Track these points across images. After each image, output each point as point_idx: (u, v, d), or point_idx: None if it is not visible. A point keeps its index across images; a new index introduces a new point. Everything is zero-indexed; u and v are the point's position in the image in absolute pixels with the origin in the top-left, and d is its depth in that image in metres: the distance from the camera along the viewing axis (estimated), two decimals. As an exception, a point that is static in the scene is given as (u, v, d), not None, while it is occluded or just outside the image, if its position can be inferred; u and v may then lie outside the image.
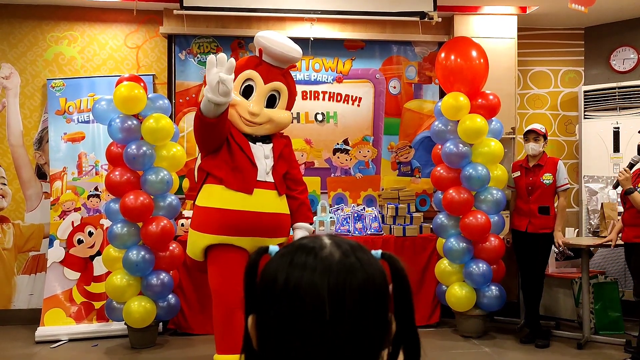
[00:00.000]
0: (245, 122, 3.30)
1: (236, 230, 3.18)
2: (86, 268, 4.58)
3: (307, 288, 0.70)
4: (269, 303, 0.73)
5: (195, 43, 4.96)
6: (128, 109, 3.99)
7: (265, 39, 3.32)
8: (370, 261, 0.75)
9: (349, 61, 5.15)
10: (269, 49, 3.31)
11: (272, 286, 0.73)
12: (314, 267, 0.71)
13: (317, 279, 0.70)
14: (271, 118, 3.34)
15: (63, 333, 4.33)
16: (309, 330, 0.69)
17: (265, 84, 3.32)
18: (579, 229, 5.18)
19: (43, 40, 4.92)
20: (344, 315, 0.70)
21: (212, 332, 3.30)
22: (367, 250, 0.77)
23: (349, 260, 0.73)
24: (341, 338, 0.70)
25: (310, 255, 0.73)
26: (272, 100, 3.38)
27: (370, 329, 0.72)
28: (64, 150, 4.74)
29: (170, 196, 4.16)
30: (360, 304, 0.71)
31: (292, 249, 0.76)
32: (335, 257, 0.72)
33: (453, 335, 4.48)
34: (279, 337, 0.72)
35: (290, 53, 3.36)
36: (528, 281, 4.35)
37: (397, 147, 5.22)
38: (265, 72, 3.33)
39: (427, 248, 4.69)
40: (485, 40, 4.78)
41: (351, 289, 0.71)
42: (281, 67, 3.40)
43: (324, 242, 0.75)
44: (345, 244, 0.75)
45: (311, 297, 0.70)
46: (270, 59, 3.35)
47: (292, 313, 0.70)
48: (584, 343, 4.15)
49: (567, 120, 5.48)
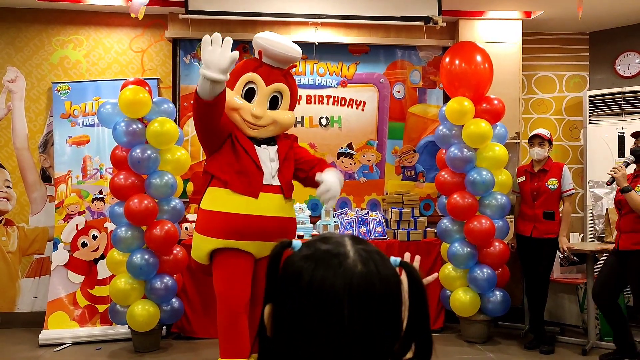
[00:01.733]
0: (249, 125, 3.28)
1: (241, 235, 3.16)
2: (90, 271, 4.58)
3: (329, 292, 0.74)
4: (290, 297, 0.77)
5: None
6: (133, 112, 4.00)
7: (264, 40, 3.29)
8: (388, 268, 0.79)
9: (354, 65, 5.15)
10: (269, 50, 3.28)
11: (295, 282, 0.77)
12: (337, 274, 0.75)
13: (339, 285, 0.74)
14: (275, 119, 3.32)
15: (67, 336, 4.34)
16: (326, 332, 0.73)
17: (267, 85, 3.29)
18: (583, 234, 5.16)
19: (49, 44, 4.95)
20: (361, 322, 0.74)
21: (216, 336, 3.29)
22: (386, 259, 0.81)
23: (370, 269, 0.77)
24: (355, 343, 0.74)
25: (334, 262, 0.76)
26: (274, 101, 3.36)
27: (383, 335, 0.76)
28: (68, 153, 4.75)
29: (174, 200, 4.16)
30: (377, 312, 0.75)
31: (317, 252, 0.79)
32: (358, 268, 0.76)
33: (457, 340, 4.46)
34: (293, 331, 0.76)
35: (290, 53, 3.34)
36: (533, 286, 4.33)
37: (401, 151, 5.21)
38: (266, 74, 3.30)
39: (432, 253, 4.68)
40: (489, 45, 4.78)
41: (369, 296, 0.75)
42: (282, 67, 3.37)
43: (348, 250, 0.78)
44: (366, 253, 0.79)
45: (332, 301, 0.74)
46: (271, 60, 3.32)
47: (311, 312, 0.74)
48: (589, 349, 4.13)
49: (572, 125, 5.47)
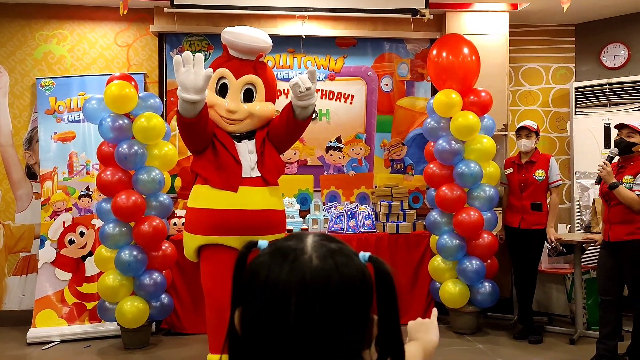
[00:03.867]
0: (226, 121, 3.27)
1: (224, 230, 3.15)
2: (78, 268, 4.54)
3: (279, 287, 0.73)
4: (251, 295, 0.77)
5: (187, 41, 4.93)
6: (119, 108, 3.96)
7: (229, 34, 3.30)
8: (349, 265, 0.77)
9: (341, 59, 5.14)
10: (234, 43, 3.28)
11: (253, 281, 0.76)
12: (290, 269, 0.74)
13: (291, 279, 0.73)
14: (251, 112, 3.30)
15: (55, 334, 4.30)
16: (277, 328, 0.73)
17: (237, 79, 3.28)
18: (570, 224, 5.20)
19: (32, 38, 4.87)
20: (312, 317, 0.72)
21: (206, 332, 3.29)
22: (350, 253, 0.79)
23: (326, 265, 0.75)
24: (308, 338, 0.72)
25: (290, 256, 0.76)
26: (249, 94, 3.34)
27: (345, 330, 0.74)
28: (54, 150, 4.70)
29: (162, 195, 4.14)
30: (333, 307, 0.73)
31: (277, 249, 0.79)
32: (312, 263, 0.75)
33: (447, 331, 4.49)
34: (255, 330, 0.75)
35: (255, 43, 3.30)
36: (521, 277, 4.36)
37: (389, 144, 5.21)
38: (235, 67, 3.29)
39: (421, 245, 4.70)
40: (476, 37, 4.79)
41: (324, 291, 0.73)
42: (250, 59, 3.34)
43: (307, 247, 0.77)
44: (325, 248, 0.78)
45: (282, 294, 0.73)
46: (238, 53, 3.31)
47: (265, 308, 0.74)
48: (577, 338, 4.17)
49: (559, 116, 5.50)
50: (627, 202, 3.59)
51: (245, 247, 0.84)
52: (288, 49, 5.03)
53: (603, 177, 3.64)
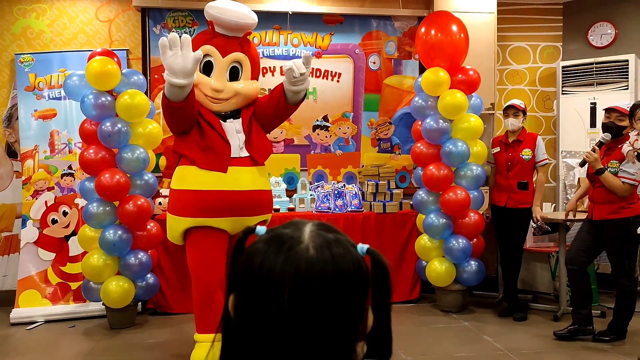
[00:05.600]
0: (211, 100, 3.18)
1: (213, 211, 3.09)
2: (61, 248, 4.48)
3: (273, 275, 0.72)
4: (244, 281, 0.75)
5: (170, 17, 4.81)
6: (101, 84, 3.87)
7: (214, 9, 3.14)
8: (345, 256, 0.75)
9: (328, 36, 5.07)
10: (220, 19, 3.14)
11: (249, 268, 0.75)
12: (285, 258, 0.73)
13: (286, 268, 0.72)
14: (237, 91, 3.22)
15: (39, 314, 4.26)
16: (269, 317, 0.72)
17: (224, 57, 3.17)
18: (556, 204, 5.24)
19: (10, 13, 4.72)
20: (305, 308, 0.71)
21: (192, 312, 3.26)
22: (346, 244, 0.77)
23: (322, 255, 0.73)
24: (300, 329, 0.71)
25: (286, 245, 0.74)
26: (235, 72, 3.24)
27: (338, 322, 0.73)
28: (34, 127, 4.59)
29: (147, 174, 4.08)
30: (327, 298, 0.72)
31: (274, 236, 0.77)
32: (309, 253, 0.73)
33: (433, 310, 4.53)
34: (248, 316, 0.74)
35: (243, 20, 3.18)
36: (507, 256, 4.40)
37: (377, 123, 5.18)
38: (221, 45, 3.17)
39: (407, 224, 4.71)
40: (465, 15, 4.74)
41: (319, 282, 0.72)
42: (237, 36, 3.23)
43: (304, 236, 0.76)
44: (322, 237, 0.76)
45: (276, 283, 0.72)
46: (224, 30, 3.18)
47: (260, 297, 0.73)
48: (560, 315, 4.23)
49: (546, 95, 5.50)
50: (612, 188, 3.64)
51: (244, 233, 0.83)
52: (274, 25, 4.95)
53: (590, 162, 3.67)
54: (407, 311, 4.47)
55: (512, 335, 3.91)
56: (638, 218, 3.70)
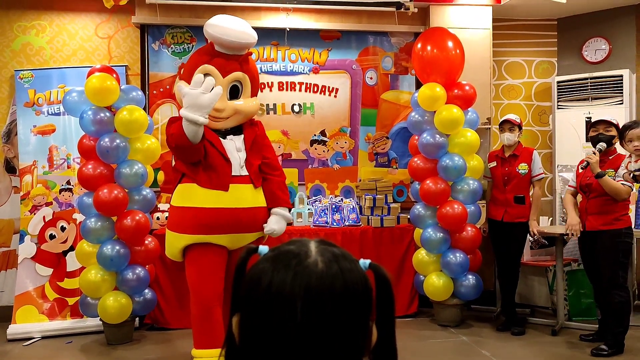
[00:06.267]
0: (211, 119, 3.19)
1: (214, 228, 3.11)
2: (59, 264, 4.48)
3: (284, 292, 0.72)
4: (252, 304, 0.74)
5: (169, 33, 4.86)
6: (100, 100, 3.90)
7: (214, 29, 3.12)
8: (353, 271, 0.76)
9: (325, 52, 5.11)
10: (220, 39, 3.13)
11: (255, 288, 0.74)
12: (295, 273, 0.73)
13: (295, 284, 0.72)
14: (237, 110, 3.23)
15: (36, 330, 4.24)
16: (282, 333, 0.71)
17: (224, 77, 3.17)
18: (552, 217, 5.26)
19: (10, 30, 4.77)
20: (317, 322, 0.71)
21: (190, 327, 3.26)
22: (352, 259, 0.78)
23: (331, 269, 0.74)
24: (313, 343, 0.71)
25: (293, 262, 0.74)
26: (235, 90, 3.25)
27: (347, 336, 0.73)
28: (33, 143, 4.61)
29: (145, 189, 4.09)
30: (337, 312, 0.72)
31: (280, 253, 0.77)
32: (318, 267, 0.74)
33: (431, 324, 4.52)
34: (258, 338, 0.73)
35: (244, 40, 3.19)
36: (504, 270, 4.41)
37: (374, 138, 5.21)
38: (221, 65, 3.17)
39: (405, 238, 4.72)
40: (460, 31, 4.79)
41: (329, 296, 0.72)
42: (237, 54, 3.23)
43: (310, 250, 0.76)
44: (329, 252, 0.76)
45: (287, 300, 0.71)
46: (224, 49, 3.18)
47: (269, 315, 0.72)
48: (558, 329, 4.23)
49: (541, 110, 5.54)
50: (613, 192, 3.67)
51: (246, 253, 0.83)
52: (272, 41, 4.99)
53: (591, 164, 3.69)
54: (405, 326, 4.47)
55: (510, 349, 3.90)
56: (630, 230, 3.77)
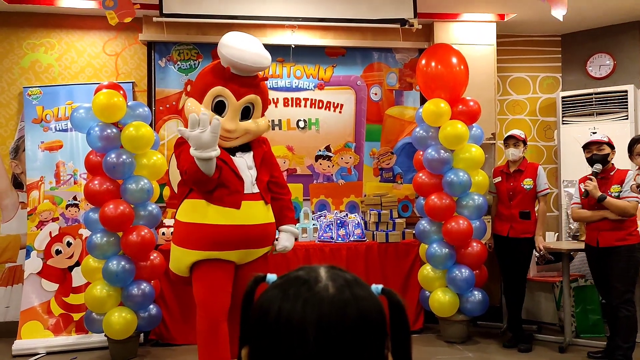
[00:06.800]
0: (222, 139, 3.20)
1: (225, 245, 3.09)
2: (65, 279, 4.49)
3: (296, 320, 0.68)
4: (261, 334, 0.71)
5: (176, 50, 4.92)
6: (107, 117, 3.94)
7: (229, 51, 3.09)
8: (366, 297, 0.73)
9: (330, 68, 5.15)
10: (236, 64, 3.11)
11: (264, 317, 0.71)
12: (305, 300, 0.69)
13: (307, 311, 0.68)
14: (248, 130, 3.23)
15: (41, 346, 4.24)
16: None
17: (238, 100, 3.17)
18: (558, 233, 5.24)
19: (19, 47, 4.84)
20: (331, 351, 0.67)
21: (195, 342, 3.24)
22: (365, 285, 0.74)
23: (343, 295, 0.70)
24: None
25: (303, 288, 0.71)
26: (246, 111, 3.25)
27: None
28: (41, 159, 4.65)
29: (150, 205, 4.11)
30: (351, 340, 0.69)
31: (288, 280, 0.74)
32: (329, 292, 0.70)
33: (437, 340, 4.49)
34: None
35: (260, 64, 3.17)
36: (510, 286, 4.38)
37: (379, 153, 5.23)
38: (236, 89, 3.15)
39: (410, 254, 4.70)
40: (465, 47, 4.83)
41: (342, 324, 0.68)
42: (251, 75, 3.23)
43: (320, 276, 0.73)
44: (341, 278, 0.73)
45: (298, 329, 0.68)
46: (238, 71, 3.17)
47: (281, 345, 0.68)
48: (566, 346, 4.18)
49: (546, 125, 5.55)
50: (619, 211, 3.69)
51: (254, 282, 0.79)
52: (277, 58, 5.04)
53: (590, 191, 3.74)
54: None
55: (517, 366, 3.87)
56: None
